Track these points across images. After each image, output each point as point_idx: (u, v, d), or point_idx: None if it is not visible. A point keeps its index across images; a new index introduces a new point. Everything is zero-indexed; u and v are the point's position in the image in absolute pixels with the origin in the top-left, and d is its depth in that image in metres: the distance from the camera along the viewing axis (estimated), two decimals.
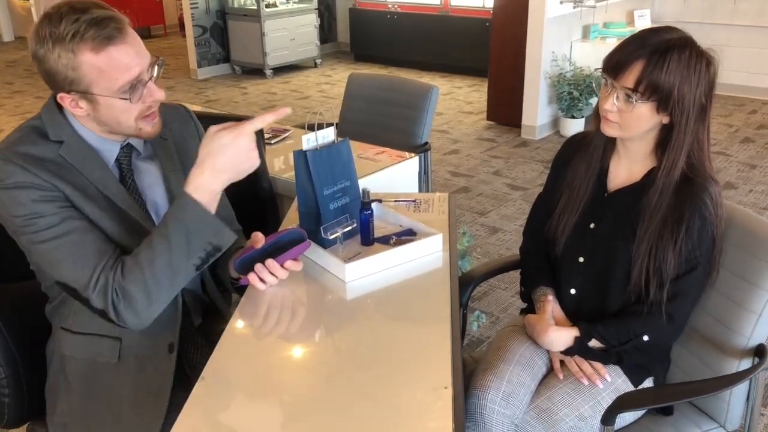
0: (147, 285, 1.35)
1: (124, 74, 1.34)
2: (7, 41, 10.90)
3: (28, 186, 1.33)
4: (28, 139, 1.39)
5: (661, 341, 1.64)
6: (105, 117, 1.40)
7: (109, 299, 1.35)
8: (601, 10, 5.92)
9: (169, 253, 1.34)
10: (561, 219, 1.71)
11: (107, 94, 1.35)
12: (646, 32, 1.52)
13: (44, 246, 1.35)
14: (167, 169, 1.55)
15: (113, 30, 1.32)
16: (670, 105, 1.47)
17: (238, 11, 8.02)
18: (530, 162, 5.17)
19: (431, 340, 1.33)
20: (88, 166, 1.42)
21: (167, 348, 1.49)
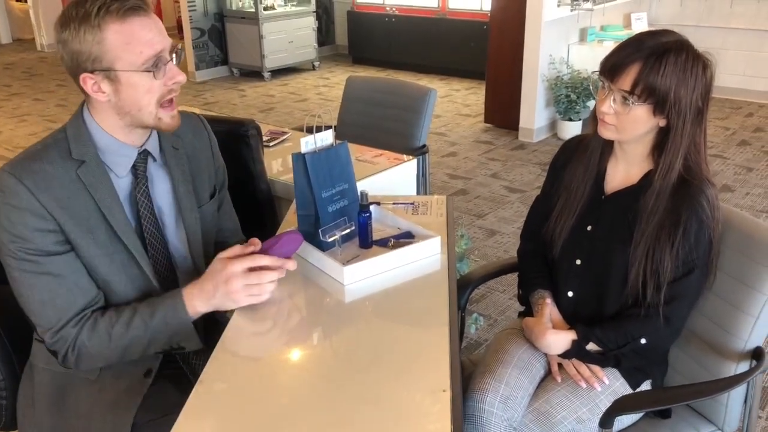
0: (104, 354, 1.42)
1: (147, 48, 1.34)
2: (5, 43, 10.89)
3: (29, 211, 1.34)
4: (47, 156, 1.38)
5: (659, 344, 1.64)
6: (127, 101, 1.38)
7: (63, 350, 1.40)
8: (598, 13, 5.93)
9: (141, 339, 1.41)
10: (558, 222, 1.71)
11: (130, 68, 1.35)
12: (643, 35, 1.52)
13: (20, 275, 1.37)
14: (177, 179, 1.55)
15: (137, 1, 1.34)
16: (666, 108, 1.48)
17: (236, 14, 8.02)
18: (528, 164, 5.18)
19: (430, 343, 1.33)
20: (101, 190, 1.42)
21: (144, 372, 1.50)
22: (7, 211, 1.34)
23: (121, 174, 1.46)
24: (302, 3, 8.35)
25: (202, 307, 1.43)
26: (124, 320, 1.41)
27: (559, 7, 5.49)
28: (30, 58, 9.83)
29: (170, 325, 1.42)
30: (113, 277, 1.45)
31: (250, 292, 1.41)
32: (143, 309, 1.42)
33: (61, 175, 1.38)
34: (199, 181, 1.62)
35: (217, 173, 1.70)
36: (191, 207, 1.57)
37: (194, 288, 1.43)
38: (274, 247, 1.44)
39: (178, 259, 1.57)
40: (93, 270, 1.42)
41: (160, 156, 1.54)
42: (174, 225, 1.56)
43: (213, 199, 1.67)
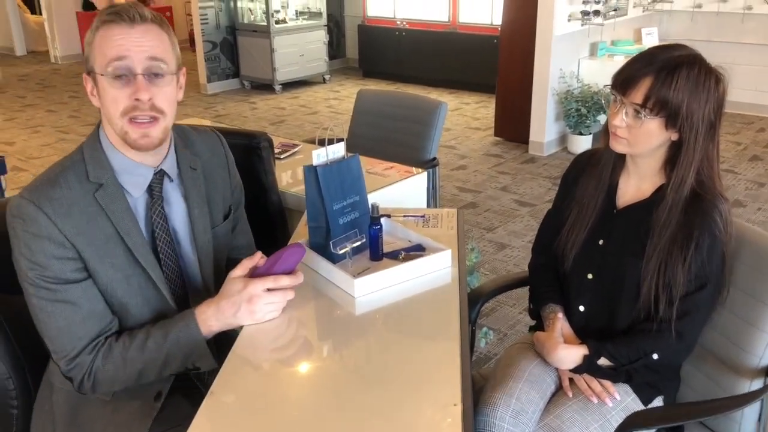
0: (120, 378, 1.42)
1: (111, 51, 1.34)
2: (20, 55, 11.01)
3: (48, 239, 1.34)
4: (66, 180, 1.38)
5: (671, 360, 1.63)
6: (104, 108, 1.39)
7: (79, 377, 1.41)
8: (609, 28, 5.94)
9: (155, 362, 1.41)
10: (570, 236, 1.71)
11: (99, 71, 1.36)
12: (655, 49, 1.53)
13: (37, 302, 1.37)
14: (192, 201, 1.55)
15: (125, 11, 1.35)
16: (678, 121, 1.48)
17: (248, 27, 8.09)
18: (538, 178, 5.17)
19: (440, 357, 1.32)
20: (119, 213, 1.41)
21: (154, 396, 1.49)
22: (26, 238, 1.34)
23: (136, 194, 1.46)
24: (313, 17, 8.41)
25: (216, 326, 1.43)
26: (137, 344, 1.41)
27: (569, 22, 5.50)
28: (44, 69, 9.93)
29: (184, 346, 1.41)
30: (130, 300, 1.45)
31: (272, 309, 1.43)
32: (156, 332, 1.42)
33: (80, 200, 1.38)
34: (214, 203, 1.62)
35: (234, 192, 1.70)
36: (204, 229, 1.57)
37: (209, 307, 1.43)
38: (278, 262, 1.44)
39: (189, 278, 1.58)
40: (110, 294, 1.43)
41: (177, 176, 1.53)
42: (188, 245, 1.56)
43: (227, 220, 1.66)
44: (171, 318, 1.45)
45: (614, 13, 5.95)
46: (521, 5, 5.58)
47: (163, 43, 1.40)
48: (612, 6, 5.91)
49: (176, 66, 1.44)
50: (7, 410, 1.57)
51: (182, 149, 1.56)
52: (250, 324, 1.42)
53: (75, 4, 10.36)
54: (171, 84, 1.42)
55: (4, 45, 10.57)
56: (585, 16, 5.55)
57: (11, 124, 6.93)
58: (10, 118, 7.18)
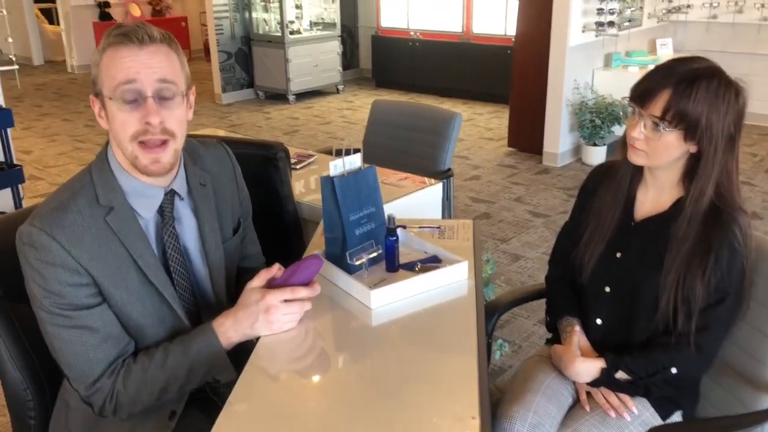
0: (142, 399, 1.41)
1: (120, 73, 1.31)
2: (37, 65, 11.14)
3: (62, 267, 1.32)
4: (76, 205, 1.36)
5: (690, 374, 1.61)
6: (113, 131, 1.37)
7: (100, 402, 1.40)
8: (624, 39, 5.93)
9: (177, 380, 1.41)
10: (587, 248, 1.70)
11: (108, 94, 1.33)
12: (674, 61, 1.52)
13: (52, 329, 1.36)
14: (203, 217, 1.53)
15: (133, 32, 1.32)
16: (697, 134, 1.47)
17: (262, 37, 8.14)
18: (552, 189, 5.16)
19: (457, 369, 1.31)
20: (131, 236, 1.39)
21: (168, 415, 1.48)
22: (40, 267, 1.32)
23: (147, 216, 1.44)
24: (327, 27, 8.45)
25: (235, 337, 1.42)
26: (157, 363, 1.40)
27: (584, 33, 5.50)
28: (61, 79, 10.04)
29: (205, 360, 1.41)
30: (145, 321, 1.43)
31: (289, 320, 1.42)
32: (175, 348, 1.41)
33: (91, 225, 1.36)
34: (224, 218, 1.61)
35: (242, 204, 1.69)
36: (216, 245, 1.56)
37: (226, 319, 1.42)
38: (296, 273, 1.45)
39: (201, 294, 1.57)
40: (126, 317, 1.41)
41: (187, 194, 1.52)
42: (199, 262, 1.55)
43: (237, 234, 1.66)
44: (188, 334, 1.44)
45: (629, 23, 5.94)
46: (535, 16, 5.58)
47: (173, 63, 1.37)
48: (626, 17, 5.90)
49: (186, 86, 1.40)
50: (26, 420, 1.58)
51: (192, 166, 1.54)
52: (267, 334, 1.42)
53: (92, 15, 10.48)
54: (181, 106, 1.39)
55: (22, 55, 10.69)
56: (599, 26, 5.54)
57: (28, 133, 7.00)
58: (28, 126, 7.25)
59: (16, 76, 8.15)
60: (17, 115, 6.84)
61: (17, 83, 8.65)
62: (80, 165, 1.45)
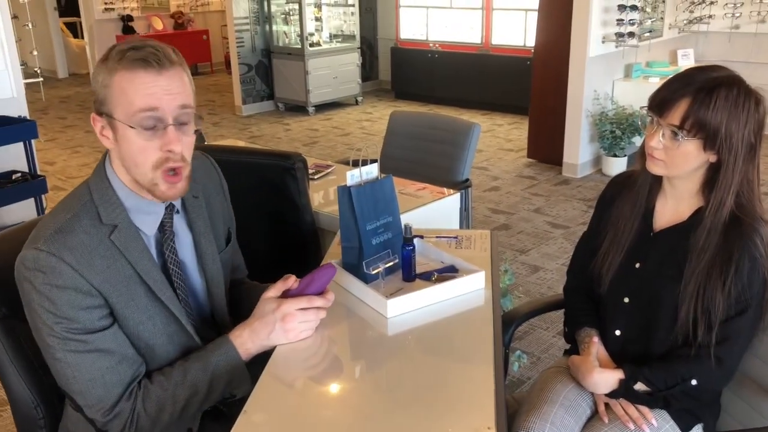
0: (163, 419, 1.37)
1: (140, 101, 1.28)
2: (62, 78, 11.33)
3: (74, 290, 1.29)
4: (81, 225, 1.32)
5: (710, 386, 1.59)
6: (124, 153, 1.33)
7: (119, 426, 1.34)
8: (644, 50, 5.90)
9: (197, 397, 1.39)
10: (606, 259, 1.68)
11: (124, 120, 1.29)
12: (693, 70, 1.51)
13: (64, 355, 1.30)
14: (198, 230, 1.52)
15: (152, 56, 1.28)
16: (717, 143, 1.45)
17: (282, 50, 8.21)
18: (571, 200, 5.13)
19: (474, 379, 1.31)
20: (136, 253, 1.37)
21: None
22: (49, 292, 1.27)
23: (150, 232, 1.42)
24: (347, 40, 8.51)
25: (253, 348, 1.42)
26: (177, 380, 1.38)
27: (603, 43, 5.48)
28: (84, 92, 10.19)
29: (225, 373, 1.40)
30: (156, 340, 1.41)
31: (305, 328, 1.42)
32: (194, 364, 1.40)
33: (97, 245, 1.32)
34: (217, 228, 1.60)
35: (229, 214, 1.69)
36: (213, 257, 1.55)
37: (243, 330, 1.42)
38: (311, 284, 1.45)
39: (199, 308, 1.56)
40: (137, 337, 1.39)
41: (181, 207, 1.50)
42: (195, 275, 1.54)
43: (229, 245, 1.65)
44: (204, 348, 1.43)
45: (649, 34, 5.91)
46: (555, 27, 5.57)
47: (187, 86, 1.35)
48: (647, 27, 5.87)
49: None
50: None
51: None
52: (284, 343, 1.42)
53: (116, 29, 10.64)
54: (192, 129, 1.37)
55: (47, 68, 10.88)
56: (619, 37, 5.52)
57: (52, 145, 7.11)
58: (52, 138, 7.37)
59: (41, 88, 8.29)
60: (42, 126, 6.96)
61: (42, 96, 8.79)
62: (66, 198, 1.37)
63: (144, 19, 11.01)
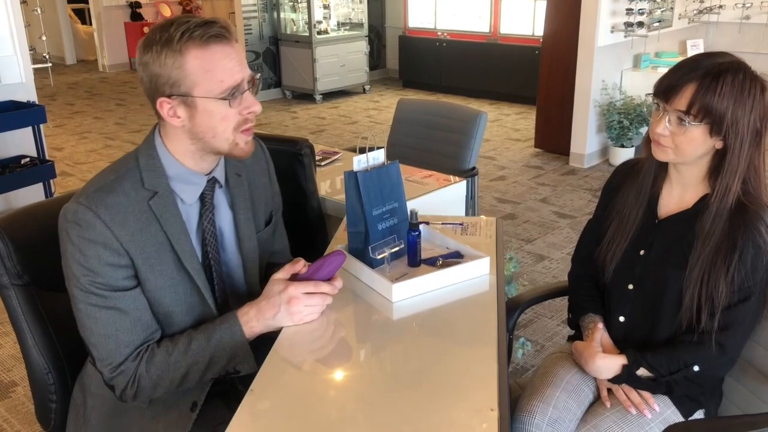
0: (163, 384, 1.43)
1: (227, 77, 1.36)
2: (70, 64, 11.35)
3: (103, 245, 1.35)
4: (121, 187, 1.39)
5: (713, 372, 1.60)
6: (201, 126, 1.39)
7: (123, 385, 1.41)
8: (653, 40, 5.87)
9: (198, 366, 1.42)
10: (610, 246, 1.69)
11: (208, 95, 1.35)
12: (699, 56, 1.51)
13: (85, 307, 1.38)
14: (238, 207, 1.57)
15: (220, 29, 1.35)
16: (723, 128, 1.45)
17: (290, 37, 8.20)
18: (578, 190, 5.13)
19: (477, 362, 1.32)
20: (171, 221, 1.42)
21: (190, 405, 1.49)
22: (81, 244, 1.35)
23: (189, 201, 1.47)
24: (355, 28, 8.49)
25: (258, 327, 1.44)
26: (181, 348, 1.42)
27: (612, 33, 5.46)
28: (92, 78, 10.22)
29: (228, 348, 1.43)
30: (176, 308, 1.46)
31: (310, 312, 1.44)
32: (199, 335, 1.44)
33: (134, 207, 1.39)
34: (257, 209, 1.64)
35: (274, 198, 1.73)
36: (250, 235, 1.60)
37: (251, 309, 1.45)
38: (320, 269, 1.47)
39: (233, 284, 1.60)
40: (157, 302, 1.44)
41: (225, 184, 1.55)
42: (233, 251, 1.58)
43: (269, 226, 1.69)
44: (213, 321, 1.47)
45: (658, 24, 5.87)
46: (563, 16, 5.55)
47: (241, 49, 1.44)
48: (656, 17, 5.83)
49: None
50: (47, 404, 1.62)
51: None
52: (289, 325, 1.44)
53: (124, 15, 10.66)
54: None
55: (56, 54, 10.90)
56: (628, 27, 5.49)
57: (60, 131, 7.14)
58: (60, 124, 7.40)
59: (50, 74, 8.31)
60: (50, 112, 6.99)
61: (50, 81, 8.82)
62: (110, 162, 1.47)
63: (152, 6, 11.01)
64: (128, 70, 10.75)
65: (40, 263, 1.54)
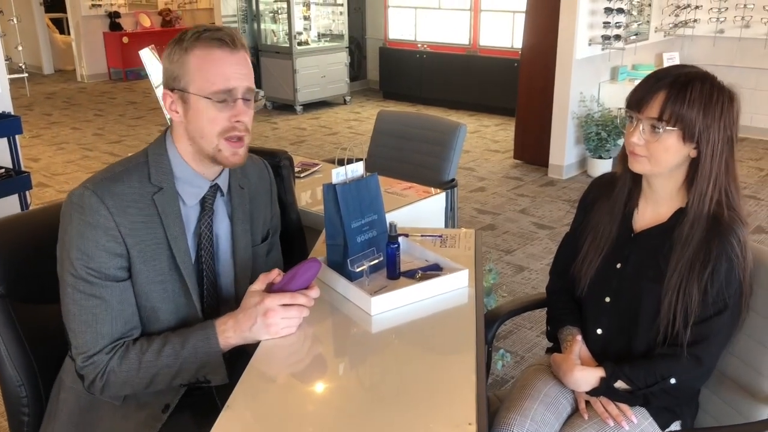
0: (132, 382, 1.43)
1: (220, 80, 1.41)
2: (47, 74, 11.24)
3: (103, 230, 1.39)
4: (128, 179, 1.44)
5: (689, 384, 1.61)
6: (192, 124, 1.45)
7: (92, 376, 1.42)
8: (630, 52, 5.95)
9: (168, 369, 1.42)
10: (584, 262, 1.71)
11: (200, 93, 1.42)
12: (666, 68, 1.56)
13: (72, 291, 1.41)
14: (237, 217, 1.60)
15: (227, 36, 1.42)
16: (696, 134, 1.48)
17: (270, 48, 8.20)
18: (557, 201, 5.16)
19: (456, 376, 1.32)
20: (171, 218, 1.47)
21: (162, 407, 1.49)
22: (81, 227, 1.39)
23: (190, 203, 1.51)
24: (335, 39, 8.51)
25: (234, 339, 1.44)
26: (155, 349, 1.42)
27: (590, 46, 5.52)
28: (70, 88, 10.12)
29: (200, 356, 1.43)
30: (162, 305, 1.48)
31: (287, 324, 1.44)
32: (174, 338, 1.44)
33: (138, 199, 1.43)
34: (255, 224, 1.66)
35: (273, 218, 1.75)
36: (246, 246, 1.61)
37: (229, 319, 1.44)
38: (295, 278, 1.46)
39: (223, 293, 1.60)
40: (145, 297, 1.46)
41: (227, 192, 1.59)
42: (227, 260, 1.60)
43: (264, 243, 1.70)
44: (190, 327, 1.47)
45: (635, 37, 5.95)
46: (542, 29, 5.61)
47: (251, 69, 1.48)
48: (633, 31, 5.91)
49: None
50: (19, 417, 1.60)
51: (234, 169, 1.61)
52: (266, 339, 1.43)
53: (102, 25, 10.57)
54: (253, 105, 1.50)
55: (33, 64, 10.79)
56: (606, 40, 5.56)
57: (37, 141, 7.06)
58: (36, 135, 7.31)
59: (26, 84, 8.24)
60: (27, 123, 6.91)
61: (27, 91, 8.73)
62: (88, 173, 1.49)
63: (131, 16, 10.94)
64: (107, 80, 10.67)
65: (16, 275, 1.54)
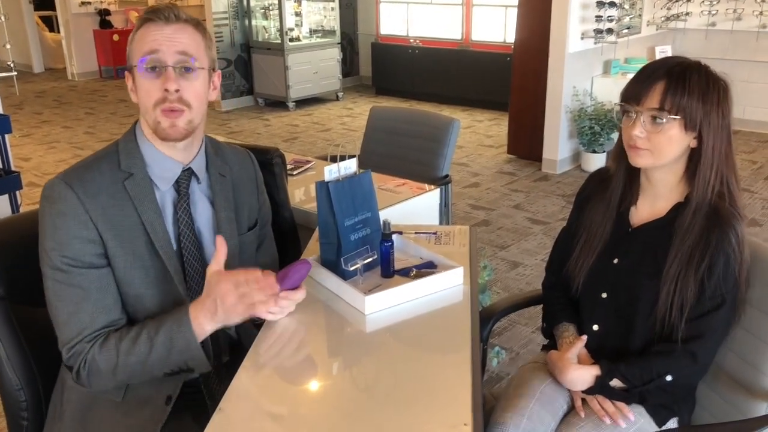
0: (113, 371, 1.41)
1: (145, 45, 1.42)
2: (38, 72, 11.16)
3: (72, 217, 1.39)
4: (98, 166, 1.45)
5: (686, 381, 1.60)
6: (139, 102, 1.46)
7: (76, 366, 1.42)
8: (623, 46, 5.94)
9: (147, 356, 1.40)
10: (578, 260, 1.70)
11: (135, 63, 1.43)
12: (660, 59, 1.56)
13: (52, 284, 1.40)
14: (220, 205, 1.58)
15: (163, 11, 1.43)
16: (697, 122, 1.48)
17: (262, 45, 8.16)
18: (551, 196, 5.16)
19: (451, 375, 1.31)
20: (145, 204, 1.46)
21: (165, 399, 1.47)
22: (54, 217, 1.39)
23: (164, 188, 1.50)
24: (327, 35, 8.47)
25: (207, 324, 1.40)
26: (131, 336, 1.40)
27: (582, 40, 5.51)
28: (61, 87, 10.06)
29: (175, 342, 1.38)
30: (146, 291, 1.46)
31: (248, 302, 1.38)
32: (150, 324, 1.41)
33: (109, 186, 1.43)
34: (240, 212, 1.64)
35: (261, 208, 1.73)
36: (231, 234, 1.58)
37: (198, 304, 1.40)
38: (284, 280, 1.43)
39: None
40: (127, 283, 1.44)
41: (206, 179, 1.58)
42: (211, 246, 1.55)
43: (251, 231, 1.68)
44: (167, 313, 1.43)
45: (627, 31, 5.95)
46: (534, 23, 5.59)
47: (195, 41, 1.46)
48: (625, 24, 5.91)
49: (209, 65, 1.49)
50: (18, 421, 1.58)
51: (213, 156, 1.61)
52: (238, 322, 1.42)
53: (92, 23, 10.51)
54: (200, 79, 1.46)
55: (23, 62, 10.71)
56: (598, 34, 5.55)
57: (28, 140, 7.00)
58: (27, 134, 7.26)
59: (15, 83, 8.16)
60: (16, 122, 6.87)
61: (16, 90, 8.65)
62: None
63: (121, 14, 10.88)
64: (98, 78, 10.61)
65: (15, 277, 1.52)
